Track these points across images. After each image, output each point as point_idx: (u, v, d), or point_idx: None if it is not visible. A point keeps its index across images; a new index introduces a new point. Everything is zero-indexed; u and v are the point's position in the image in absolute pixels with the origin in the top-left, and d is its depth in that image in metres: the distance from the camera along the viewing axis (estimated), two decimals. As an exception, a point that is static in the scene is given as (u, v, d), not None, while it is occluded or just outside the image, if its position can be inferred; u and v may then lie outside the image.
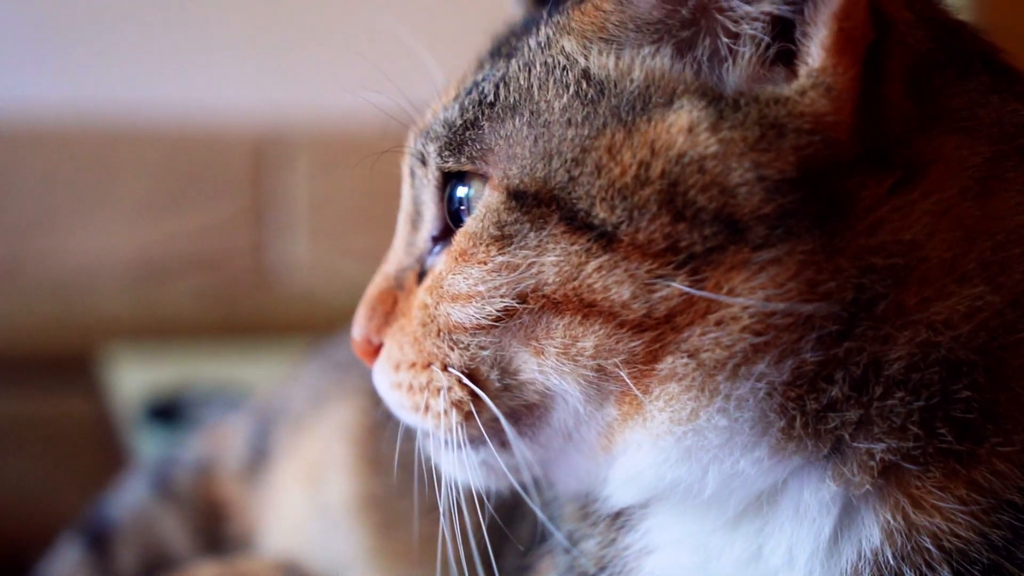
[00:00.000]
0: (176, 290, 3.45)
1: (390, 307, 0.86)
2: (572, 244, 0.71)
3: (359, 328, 0.86)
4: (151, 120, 3.46)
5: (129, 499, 1.61)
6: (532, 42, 0.79)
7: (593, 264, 0.71)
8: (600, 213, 0.70)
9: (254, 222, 3.58)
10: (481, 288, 0.75)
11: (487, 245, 0.75)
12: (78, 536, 1.55)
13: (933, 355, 0.68)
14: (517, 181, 0.74)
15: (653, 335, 0.71)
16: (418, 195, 0.85)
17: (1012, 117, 0.74)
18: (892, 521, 0.70)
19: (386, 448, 1.33)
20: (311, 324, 3.37)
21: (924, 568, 0.69)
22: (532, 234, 0.73)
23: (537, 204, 0.73)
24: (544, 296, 0.73)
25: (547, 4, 0.90)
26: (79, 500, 1.69)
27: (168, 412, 2.59)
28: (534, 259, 0.73)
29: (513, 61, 0.79)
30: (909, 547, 0.70)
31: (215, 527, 1.57)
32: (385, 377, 0.85)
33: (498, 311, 0.75)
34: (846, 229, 0.68)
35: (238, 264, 3.56)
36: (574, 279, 0.71)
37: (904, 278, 0.68)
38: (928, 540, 0.69)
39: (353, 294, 0.89)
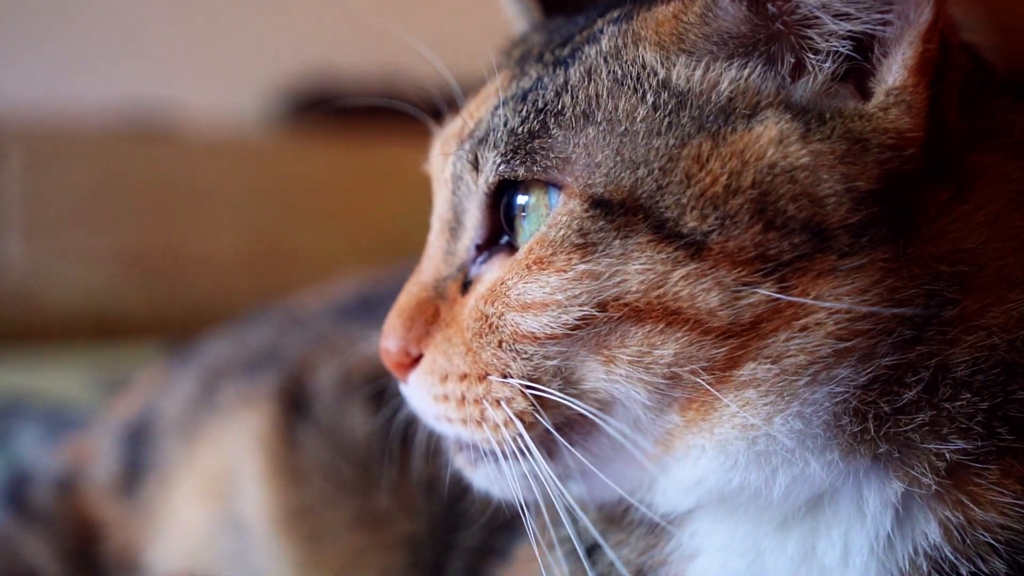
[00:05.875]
0: None
1: (431, 317, 0.83)
2: (659, 252, 0.72)
3: (395, 339, 0.82)
4: None
5: (-20, 523, 1.47)
6: (593, 50, 0.79)
7: (680, 272, 0.71)
8: (690, 222, 0.71)
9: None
10: (559, 296, 0.74)
11: (568, 253, 0.74)
12: (-76, 567, 1.40)
13: (993, 358, 0.73)
14: (601, 189, 0.73)
15: (737, 342, 0.72)
16: (460, 202, 0.83)
17: None
18: (952, 518, 0.74)
19: (308, 458, 1.28)
20: (30, 329, 3.17)
21: (978, 561, 0.73)
22: (617, 242, 0.73)
23: (624, 213, 0.72)
24: (626, 304, 0.73)
25: (565, 10, 0.90)
26: None
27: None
28: (618, 267, 0.72)
29: (572, 69, 0.78)
30: (968, 541, 0.74)
31: (87, 547, 1.45)
32: (427, 389, 0.82)
33: (576, 320, 0.74)
34: (917, 238, 0.72)
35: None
36: (659, 287, 0.72)
37: (967, 285, 0.73)
38: (985, 534, 0.73)
39: (78, 296, 0.83)
